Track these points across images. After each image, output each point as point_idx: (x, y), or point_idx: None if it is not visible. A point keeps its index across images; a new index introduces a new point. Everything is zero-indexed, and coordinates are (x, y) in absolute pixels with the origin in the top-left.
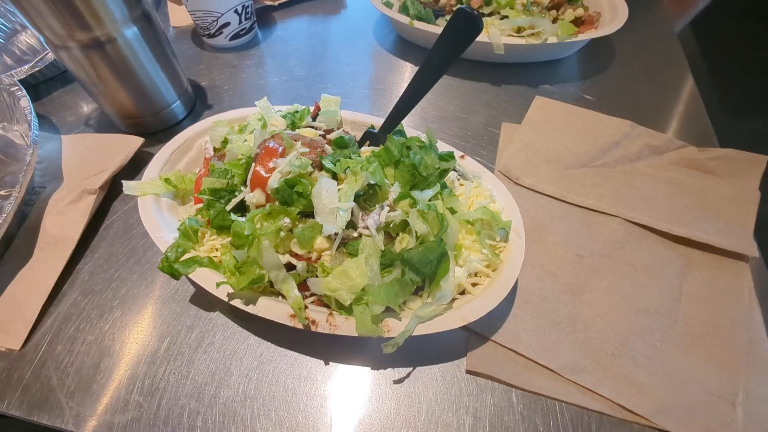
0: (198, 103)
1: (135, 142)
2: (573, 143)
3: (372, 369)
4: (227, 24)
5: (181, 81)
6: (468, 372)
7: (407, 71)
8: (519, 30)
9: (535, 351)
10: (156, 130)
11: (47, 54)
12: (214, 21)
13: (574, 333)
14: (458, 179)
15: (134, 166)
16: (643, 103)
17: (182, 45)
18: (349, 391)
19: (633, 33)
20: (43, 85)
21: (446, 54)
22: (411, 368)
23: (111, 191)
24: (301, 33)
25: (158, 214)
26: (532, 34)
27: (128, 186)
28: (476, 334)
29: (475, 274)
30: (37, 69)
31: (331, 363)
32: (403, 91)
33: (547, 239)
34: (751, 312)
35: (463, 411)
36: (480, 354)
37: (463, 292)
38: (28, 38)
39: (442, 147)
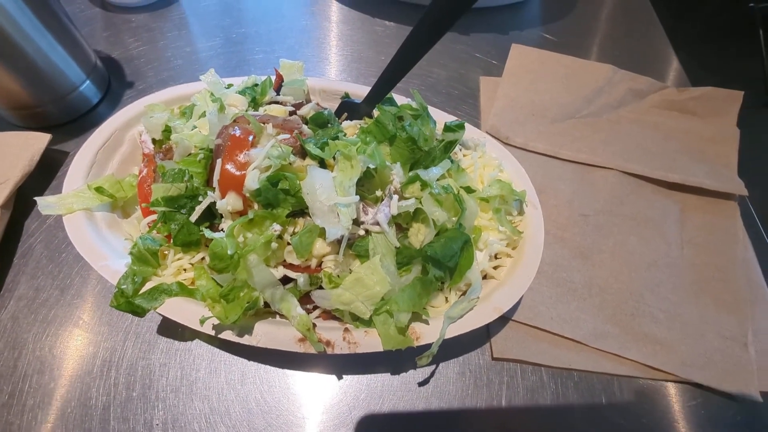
0: (114, 82)
1: (39, 140)
2: (557, 93)
3: (392, 374)
4: None
5: (87, 54)
6: (495, 359)
7: (369, 24)
8: None
9: (558, 324)
10: (64, 120)
11: None
12: None
13: (590, 298)
14: (460, 149)
15: (45, 172)
16: (612, 43)
17: (73, 6)
18: (371, 401)
19: None
20: None
21: None
22: (434, 365)
23: (18, 208)
24: None
25: (95, 236)
26: None
27: (46, 204)
28: None
29: (495, 256)
30: None
31: (344, 376)
32: (365, 48)
33: (549, 202)
34: (746, 251)
35: (497, 400)
36: (504, 337)
37: (484, 277)
38: None
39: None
